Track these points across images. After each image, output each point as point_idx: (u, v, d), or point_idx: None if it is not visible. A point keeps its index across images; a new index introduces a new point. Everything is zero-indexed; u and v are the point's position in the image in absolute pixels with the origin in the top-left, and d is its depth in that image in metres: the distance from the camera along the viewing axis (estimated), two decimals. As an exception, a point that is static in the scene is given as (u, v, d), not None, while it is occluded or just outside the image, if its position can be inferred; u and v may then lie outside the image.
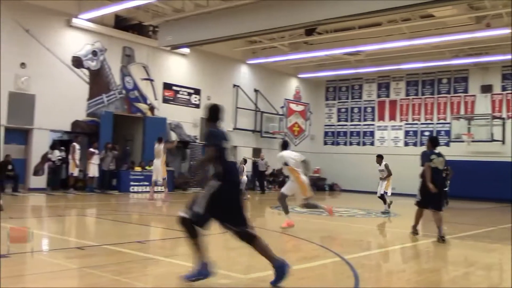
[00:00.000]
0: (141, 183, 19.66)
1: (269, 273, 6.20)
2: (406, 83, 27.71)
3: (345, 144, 29.73)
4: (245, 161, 19.71)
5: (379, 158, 15.91)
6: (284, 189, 10.91)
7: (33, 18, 17.76)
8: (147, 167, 20.11)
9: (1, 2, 16.60)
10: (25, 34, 17.53)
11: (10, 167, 16.44)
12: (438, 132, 26.36)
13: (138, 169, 20.00)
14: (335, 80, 30.00)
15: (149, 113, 21.48)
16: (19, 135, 17.83)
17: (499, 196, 22.81)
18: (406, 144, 27.35)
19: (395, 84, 28.12)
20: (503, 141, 24.14)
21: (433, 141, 10.06)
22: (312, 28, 20.23)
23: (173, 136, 22.21)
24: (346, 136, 29.76)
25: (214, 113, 5.93)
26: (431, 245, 9.67)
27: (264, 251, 5.50)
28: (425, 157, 9.67)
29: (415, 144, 27.03)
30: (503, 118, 24.48)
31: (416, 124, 27.25)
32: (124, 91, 20.67)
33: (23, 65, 17.48)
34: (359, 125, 29.30)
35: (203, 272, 5.36)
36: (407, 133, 27.50)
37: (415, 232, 10.19)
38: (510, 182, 22.71)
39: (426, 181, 9.44)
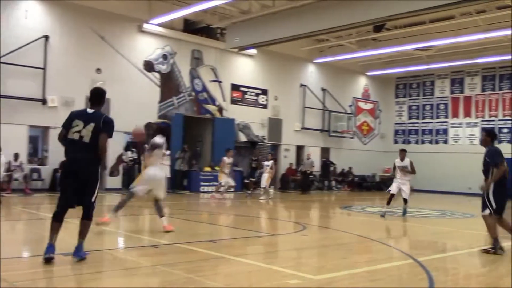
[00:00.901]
0: (210, 183, 19.98)
1: (340, 273, 6.12)
2: (482, 78, 26.47)
3: (416, 142, 28.82)
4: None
5: (403, 152, 14.44)
6: None
7: (107, 25, 18.53)
8: (216, 168, 20.42)
9: (79, 11, 17.45)
10: (100, 41, 18.31)
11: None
12: (518, 128, 25.02)
13: (207, 169, 20.35)
14: (405, 76, 29.17)
15: (217, 114, 21.82)
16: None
17: None
18: (483, 141, 26.13)
19: (469, 79, 26.94)
20: None
21: (493, 136, 8.63)
22: (380, 25, 19.77)
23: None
24: (418, 134, 28.85)
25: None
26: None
27: None
28: (498, 156, 8.11)
29: (492, 142, 25.74)
30: None
31: (493, 120, 25.97)
32: (193, 93, 21.12)
33: (98, 70, 18.27)
34: (431, 122, 28.32)
35: None
36: (483, 130, 26.21)
37: (499, 248, 7.86)
38: None
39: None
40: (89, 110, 6.30)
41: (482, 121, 26.34)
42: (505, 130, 25.44)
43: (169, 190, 18.67)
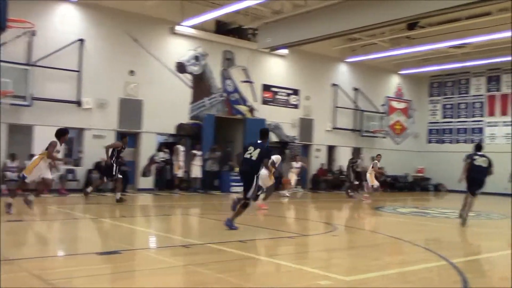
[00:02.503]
0: (241, 184, 20.00)
1: (372, 275, 6.06)
2: (520, 75, 25.77)
3: (451, 142, 28.27)
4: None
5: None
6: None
7: (140, 27, 18.80)
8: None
9: (113, 14, 17.78)
10: (134, 43, 18.60)
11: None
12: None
13: (238, 169, 20.39)
14: (440, 75, 28.64)
15: (248, 115, 21.88)
16: (129, 138, 18.85)
17: None
18: (520, 141, 25.43)
19: (506, 77, 26.26)
20: None
21: None
22: (414, 22, 19.48)
23: (273, 137, 22.46)
24: (452, 133, 28.29)
25: None
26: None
27: None
28: None
29: (530, 141, 25.07)
30: None
31: (531, 119, 25.24)
32: (225, 94, 21.24)
33: (132, 72, 18.56)
34: (467, 121, 27.72)
35: None
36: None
37: None
38: None
39: None
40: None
41: (520, 119, 25.64)
42: (544, 129, 24.71)
43: (200, 190, 18.89)
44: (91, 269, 5.79)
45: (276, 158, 13.38)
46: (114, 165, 13.54)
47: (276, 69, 23.19)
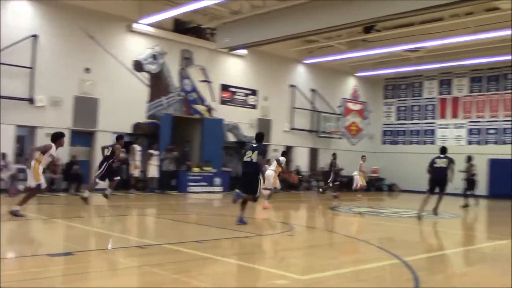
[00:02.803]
0: (198, 184, 19.98)
1: (327, 274, 6.16)
2: (470, 79, 26.70)
3: (404, 143, 29.02)
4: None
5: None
6: None
7: (96, 24, 18.44)
8: (204, 168, 20.42)
9: (69, 10, 17.38)
10: (90, 40, 18.23)
11: (76, 167, 17.11)
12: (504, 130, 25.28)
13: (196, 169, 20.32)
14: (394, 77, 29.34)
15: (207, 115, 21.80)
16: (84, 137, 18.54)
17: None
18: (470, 142, 26.35)
19: (457, 80, 27.17)
20: None
21: None
22: (370, 26, 19.87)
23: (230, 137, 22.49)
24: (406, 135, 29.05)
25: None
26: (497, 247, 9.30)
27: None
28: None
29: (478, 143, 26.02)
30: None
31: (480, 121, 26.21)
32: (183, 93, 21.09)
33: (87, 70, 18.19)
34: (419, 123, 28.52)
35: None
36: (470, 131, 26.50)
37: None
38: None
39: None
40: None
41: (469, 122, 26.58)
42: (492, 131, 25.70)
43: (157, 190, 18.69)
44: (43, 271, 5.65)
45: (282, 159, 14.39)
46: (113, 166, 13.75)
47: (235, 69, 23.20)
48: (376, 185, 27.64)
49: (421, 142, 28.31)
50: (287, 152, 16.76)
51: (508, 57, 23.47)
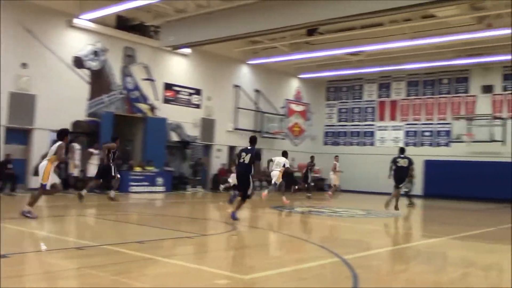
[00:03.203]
0: (141, 183, 19.66)
1: (269, 273, 6.21)
2: (407, 83, 27.71)
3: (345, 144, 29.72)
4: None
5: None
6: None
7: (34, 18, 17.78)
8: (147, 167, 20.13)
9: (2, 2, 16.64)
10: (27, 35, 17.55)
11: (10, 166, 16.44)
12: (438, 132, 26.39)
13: (138, 169, 19.99)
14: (336, 80, 30.00)
15: (149, 113, 21.49)
16: (20, 135, 17.84)
17: (499, 196, 22.85)
18: (407, 144, 27.30)
19: (396, 84, 28.12)
20: (503, 142, 24.10)
21: None
22: (313, 28, 20.21)
23: (173, 136, 22.31)
24: (347, 136, 29.76)
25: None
26: (431, 245, 9.69)
27: None
28: None
29: (415, 145, 27.03)
30: (504, 119, 24.44)
31: (417, 124, 27.24)
32: (125, 91, 20.69)
33: (24, 65, 17.50)
34: (360, 125, 29.31)
35: None
36: (407, 133, 27.50)
37: None
38: (510, 182, 22.73)
39: None
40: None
41: (406, 124, 27.56)
42: (427, 134, 26.77)
43: (96, 190, 18.23)
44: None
45: (285, 160, 16.64)
46: (112, 166, 14.06)
47: (179, 68, 23.00)
48: (318, 185, 28.11)
49: (361, 143, 29.10)
50: (287, 152, 17.81)
51: (443, 63, 24.57)
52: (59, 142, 10.46)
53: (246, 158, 11.29)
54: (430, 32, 20.22)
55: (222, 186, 18.83)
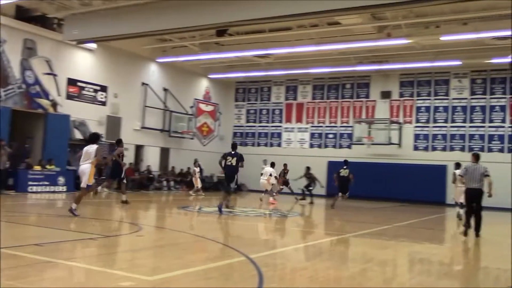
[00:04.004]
0: (40, 183, 18.69)
1: (175, 273, 6.17)
2: (313, 87, 28.64)
3: (253, 145, 30.14)
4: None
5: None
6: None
7: None
8: (47, 166, 19.18)
9: None
10: None
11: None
12: (341, 135, 27.53)
13: (37, 168, 18.99)
14: (244, 81, 30.34)
15: (51, 110, 20.48)
16: None
17: (394, 196, 24.35)
18: (312, 146, 28.28)
19: (302, 87, 28.96)
20: (399, 144, 25.69)
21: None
22: (223, 29, 20.30)
23: (77, 134, 21.45)
24: (255, 137, 30.21)
25: None
26: (332, 243, 10.10)
27: None
28: None
29: (319, 146, 28.01)
30: (400, 123, 26.04)
31: (321, 126, 28.24)
32: (24, 86, 19.56)
33: None
34: (267, 126, 29.87)
35: None
36: (312, 135, 28.42)
37: None
38: (405, 182, 24.32)
39: None
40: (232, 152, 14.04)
41: (312, 126, 28.49)
42: (331, 136, 27.84)
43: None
44: None
45: (272, 170, 19.72)
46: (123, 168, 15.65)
47: (83, 63, 22.15)
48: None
49: (269, 144, 29.65)
50: (274, 163, 20.68)
51: (346, 68, 25.68)
52: (96, 146, 11.35)
53: (233, 161, 13.74)
54: (335, 39, 21.07)
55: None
